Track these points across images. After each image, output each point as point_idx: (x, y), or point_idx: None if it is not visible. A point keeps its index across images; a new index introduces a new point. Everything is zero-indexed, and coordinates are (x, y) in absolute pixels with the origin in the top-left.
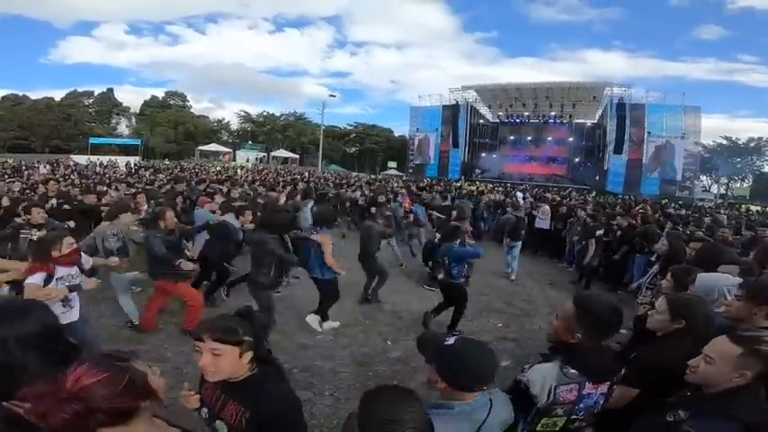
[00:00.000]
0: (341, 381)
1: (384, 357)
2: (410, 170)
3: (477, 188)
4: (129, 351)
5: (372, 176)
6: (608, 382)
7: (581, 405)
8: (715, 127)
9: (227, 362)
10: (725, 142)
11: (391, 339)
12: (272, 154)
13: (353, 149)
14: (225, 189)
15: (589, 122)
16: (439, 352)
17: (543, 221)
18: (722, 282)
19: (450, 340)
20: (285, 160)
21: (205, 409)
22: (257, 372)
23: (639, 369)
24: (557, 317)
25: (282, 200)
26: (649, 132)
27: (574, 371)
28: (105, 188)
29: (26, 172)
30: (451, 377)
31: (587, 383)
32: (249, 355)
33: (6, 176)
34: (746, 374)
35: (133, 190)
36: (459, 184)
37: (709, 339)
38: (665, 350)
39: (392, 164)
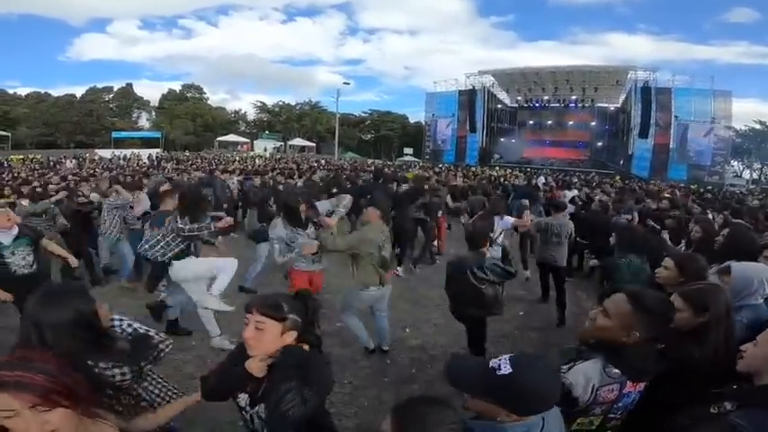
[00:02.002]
0: (359, 369)
1: (403, 345)
2: (427, 156)
3: (497, 173)
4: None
5: (388, 162)
6: (645, 381)
7: (619, 404)
8: (748, 111)
9: (267, 336)
10: (758, 126)
11: (409, 327)
12: (289, 143)
13: (369, 136)
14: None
15: (612, 106)
16: (494, 385)
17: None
18: (759, 271)
19: (504, 369)
20: (302, 149)
21: (244, 396)
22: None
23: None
24: (604, 313)
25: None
26: (676, 117)
27: (617, 370)
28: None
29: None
30: (521, 407)
31: (628, 383)
32: (292, 334)
33: (36, 172)
34: None
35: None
36: (475, 169)
37: (732, 328)
38: (696, 347)
39: (408, 150)
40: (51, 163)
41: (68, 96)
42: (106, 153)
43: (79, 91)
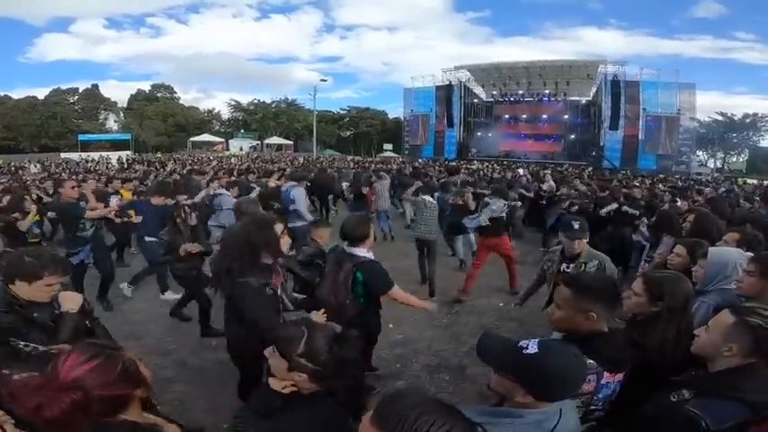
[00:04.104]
0: None
1: (386, 341)
2: (406, 151)
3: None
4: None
5: (369, 159)
6: (624, 370)
7: (599, 395)
8: (711, 103)
9: (276, 367)
10: (720, 118)
11: (393, 322)
12: (266, 141)
13: (348, 133)
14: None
15: (584, 100)
16: (519, 362)
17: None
18: (734, 256)
19: (531, 348)
20: (279, 147)
21: None
22: (299, 396)
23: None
24: (557, 306)
25: (272, 184)
26: (644, 109)
27: (592, 361)
28: None
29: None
30: (539, 390)
31: (605, 373)
32: (300, 375)
33: None
34: (732, 347)
35: None
36: (454, 164)
37: (689, 321)
38: (643, 336)
39: (388, 146)
40: (13, 168)
41: (30, 99)
42: (73, 156)
43: (42, 93)
